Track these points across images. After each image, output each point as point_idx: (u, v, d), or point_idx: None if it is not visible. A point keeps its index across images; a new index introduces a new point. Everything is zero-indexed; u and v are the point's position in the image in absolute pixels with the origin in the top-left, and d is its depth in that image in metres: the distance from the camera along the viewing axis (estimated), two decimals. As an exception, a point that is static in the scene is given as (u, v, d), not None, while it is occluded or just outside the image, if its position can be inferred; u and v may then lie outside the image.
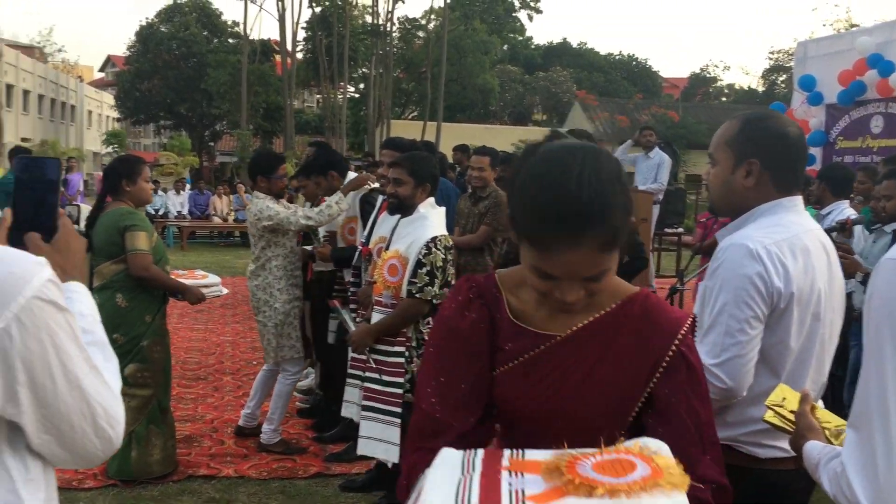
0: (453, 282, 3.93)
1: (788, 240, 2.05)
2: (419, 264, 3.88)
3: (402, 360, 3.95)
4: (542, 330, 1.49)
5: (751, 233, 2.06)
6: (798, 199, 2.15)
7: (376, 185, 5.35)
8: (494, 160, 6.24)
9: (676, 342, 1.46)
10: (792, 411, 1.76)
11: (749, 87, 50.54)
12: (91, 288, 4.44)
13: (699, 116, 35.35)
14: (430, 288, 3.86)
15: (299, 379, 5.52)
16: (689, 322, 1.50)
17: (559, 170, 1.33)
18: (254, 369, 7.12)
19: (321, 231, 5.67)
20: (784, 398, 1.79)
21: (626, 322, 1.48)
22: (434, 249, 3.88)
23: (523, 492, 1.13)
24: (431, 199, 4.13)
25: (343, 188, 5.35)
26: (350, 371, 4.29)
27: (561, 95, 44.55)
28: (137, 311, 4.50)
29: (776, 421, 1.77)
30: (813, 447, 1.58)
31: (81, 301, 1.39)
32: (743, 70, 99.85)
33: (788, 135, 2.10)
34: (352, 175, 5.61)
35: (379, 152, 6.36)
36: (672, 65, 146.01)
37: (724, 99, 51.71)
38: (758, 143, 2.10)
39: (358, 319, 4.46)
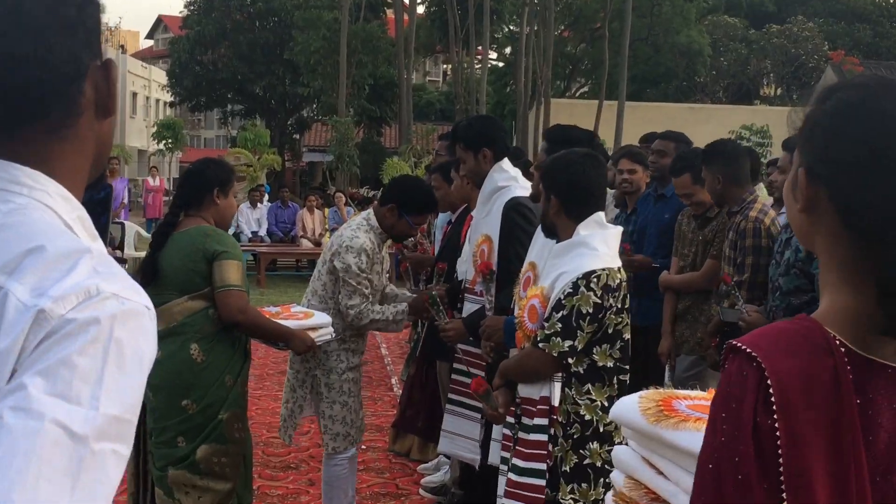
0: (625, 335, 3.99)
1: None
2: (557, 306, 3.92)
3: (543, 437, 4.02)
4: None
5: None
6: None
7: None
8: (687, 161, 6.18)
9: None
10: None
11: None
12: None
13: None
14: (557, 339, 3.88)
15: (350, 461, 5.59)
16: None
17: None
18: (362, 456, 7.26)
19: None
20: None
21: None
22: (583, 289, 3.88)
23: None
24: (598, 217, 4.12)
25: (411, 306, 5.53)
26: (451, 397, 5.24)
27: (804, 58, 43.42)
28: (216, 370, 4.62)
29: None
30: None
31: None
32: None
33: None
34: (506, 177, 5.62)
35: (535, 150, 6.51)
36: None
37: None
38: None
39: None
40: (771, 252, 5.36)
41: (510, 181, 5.21)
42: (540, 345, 3.91)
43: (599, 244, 4.00)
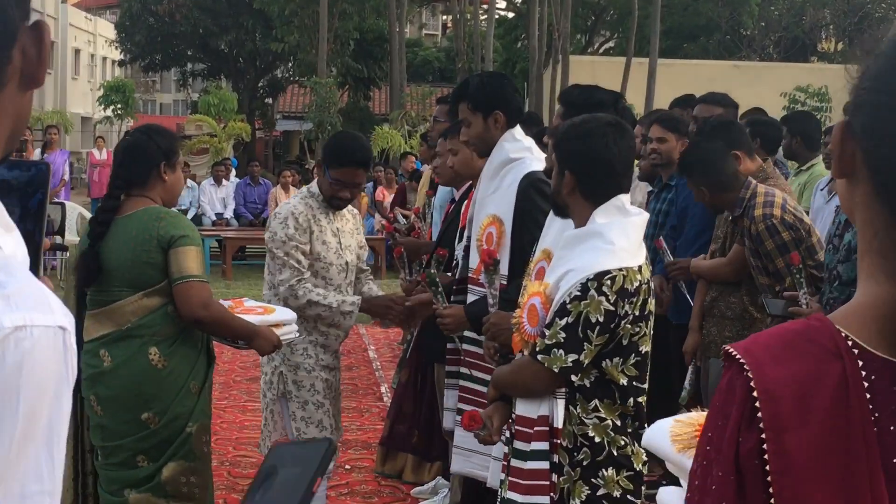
0: (643, 347, 3.88)
1: None
2: (562, 310, 3.81)
3: (544, 465, 3.93)
4: None
5: None
6: None
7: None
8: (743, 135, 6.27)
9: None
10: None
11: None
12: (88, 338, 4.61)
13: None
14: (559, 352, 3.77)
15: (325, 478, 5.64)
16: None
17: None
18: (346, 477, 7.27)
19: (401, 219, 5.96)
20: None
21: None
22: (594, 293, 3.78)
23: None
24: (620, 200, 4.03)
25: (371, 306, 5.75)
26: (448, 369, 5.22)
27: (870, 7, 43.39)
28: (180, 377, 4.63)
29: None
30: None
31: None
32: None
33: None
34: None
35: (550, 116, 6.49)
36: None
37: None
38: None
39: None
40: (799, 242, 5.41)
41: (524, 152, 5.16)
42: (539, 357, 3.79)
43: (618, 236, 3.87)
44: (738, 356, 1.48)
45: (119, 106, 40.62)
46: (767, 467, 1.41)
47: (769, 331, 1.56)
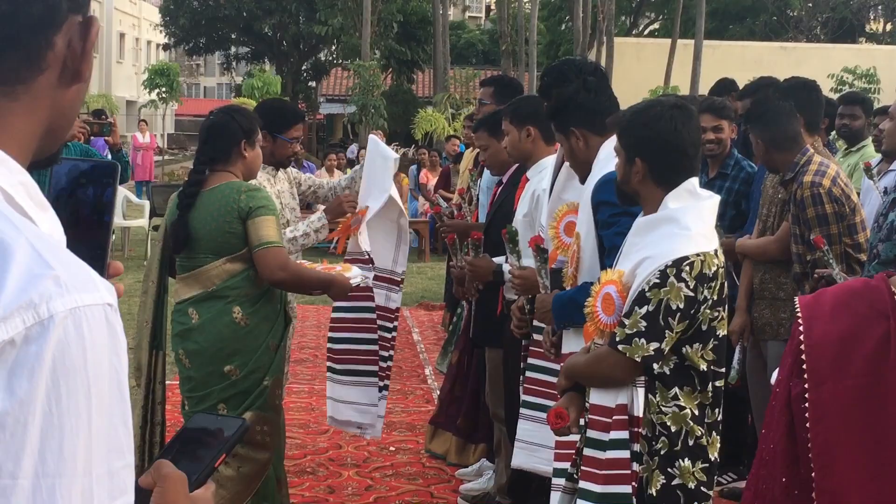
0: (720, 331, 3.81)
1: None
2: (640, 299, 3.77)
3: (625, 454, 3.88)
4: None
5: None
6: None
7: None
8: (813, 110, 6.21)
9: None
10: None
11: None
12: (178, 299, 5.07)
13: None
14: (641, 341, 3.73)
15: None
16: None
17: None
18: (391, 458, 7.30)
19: (442, 203, 6.09)
20: None
21: None
22: (673, 280, 3.74)
23: None
24: (691, 184, 3.99)
25: (327, 208, 6.19)
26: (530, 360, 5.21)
27: (919, -13, 42.92)
28: (260, 335, 5.02)
29: None
30: None
31: None
32: None
33: None
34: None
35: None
36: None
37: None
38: None
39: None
40: (841, 218, 5.40)
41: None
42: (619, 347, 3.76)
43: (693, 221, 3.84)
44: (798, 310, 1.56)
45: (164, 89, 40.77)
46: (807, 415, 1.48)
47: (833, 288, 1.62)
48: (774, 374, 6.16)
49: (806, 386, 1.51)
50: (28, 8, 1.31)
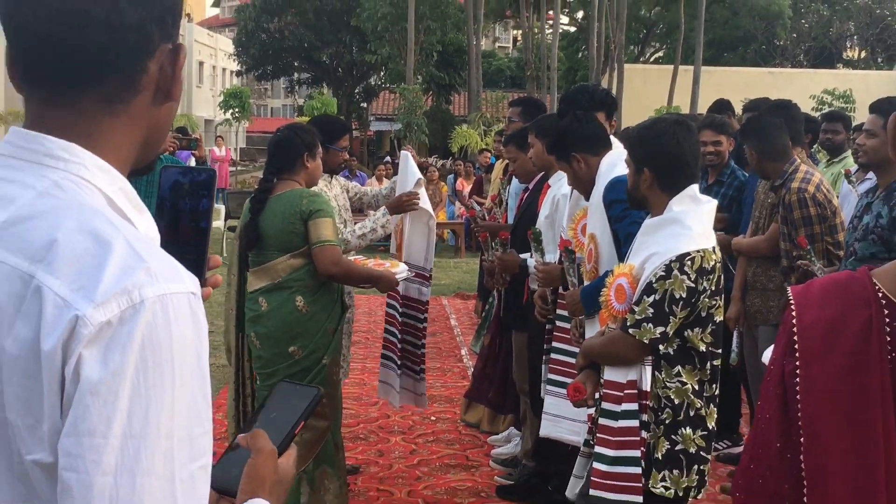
0: (717, 318, 3.90)
1: None
2: (648, 289, 3.81)
3: (634, 423, 3.90)
4: None
5: None
6: None
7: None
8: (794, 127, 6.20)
9: None
10: None
11: None
12: (250, 289, 5.13)
13: None
14: (648, 325, 3.76)
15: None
16: None
17: None
18: (432, 427, 7.33)
19: (476, 206, 6.11)
20: None
21: None
22: (677, 272, 3.77)
23: None
24: (691, 190, 4.01)
25: (389, 205, 6.05)
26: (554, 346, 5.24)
27: (890, 19, 42.50)
28: (319, 320, 5.11)
29: None
30: None
31: None
32: None
33: None
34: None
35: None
36: None
37: None
38: None
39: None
40: (823, 219, 5.45)
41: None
42: (630, 331, 3.83)
43: (694, 222, 3.91)
44: (790, 298, 1.58)
45: (237, 110, 40.97)
46: (797, 388, 1.52)
47: (821, 279, 1.65)
48: (766, 354, 6.16)
49: (797, 364, 1.53)
50: (125, 38, 1.33)
